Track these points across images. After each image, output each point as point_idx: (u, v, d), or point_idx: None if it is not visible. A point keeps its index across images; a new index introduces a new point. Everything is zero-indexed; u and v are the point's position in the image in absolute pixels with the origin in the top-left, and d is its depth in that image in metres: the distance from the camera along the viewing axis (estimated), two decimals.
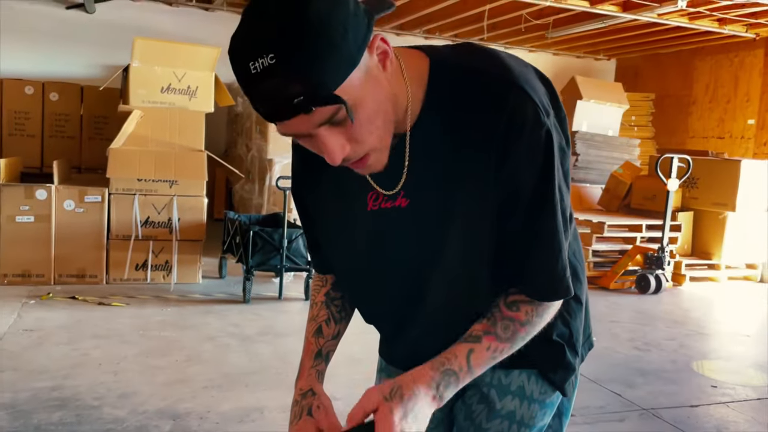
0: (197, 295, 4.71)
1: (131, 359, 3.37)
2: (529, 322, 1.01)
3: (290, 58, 0.80)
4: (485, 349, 0.99)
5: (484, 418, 1.12)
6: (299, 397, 1.05)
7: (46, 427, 2.57)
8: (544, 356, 1.13)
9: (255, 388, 3.10)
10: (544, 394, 1.13)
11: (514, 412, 1.11)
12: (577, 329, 1.16)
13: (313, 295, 1.20)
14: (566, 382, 1.15)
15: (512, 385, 1.11)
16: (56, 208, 4.65)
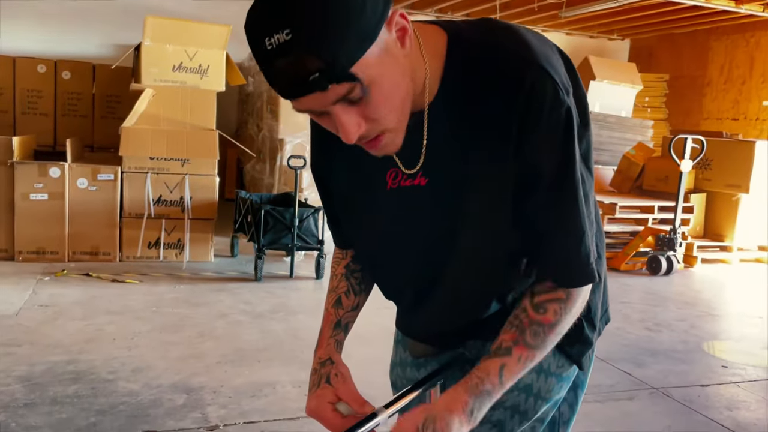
0: (209, 273, 4.74)
1: (145, 335, 3.41)
2: (559, 322, 0.99)
3: (306, 35, 0.78)
4: (517, 361, 0.98)
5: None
6: (318, 365, 1.06)
7: (62, 399, 2.62)
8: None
9: (267, 364, 3.13)
10: (561, 367, 1.13)
11: (531, 385, 1.11)
12: (595, 304, 1.16)
13: (333, 267, 1.20)
14: (583, 356, 1.15)
15: None
16: (69, 186, 4.68)
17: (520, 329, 0.98)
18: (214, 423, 2.51)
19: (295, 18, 0.79)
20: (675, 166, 5.66)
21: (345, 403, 1.00)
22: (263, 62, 0.83)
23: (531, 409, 1.12)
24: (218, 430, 2.47)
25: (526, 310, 0.99)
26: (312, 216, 4.75)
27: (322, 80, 0.81)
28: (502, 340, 0.99)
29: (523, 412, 1.12)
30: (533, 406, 1.11)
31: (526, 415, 1.12)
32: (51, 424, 2.41)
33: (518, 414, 1.12)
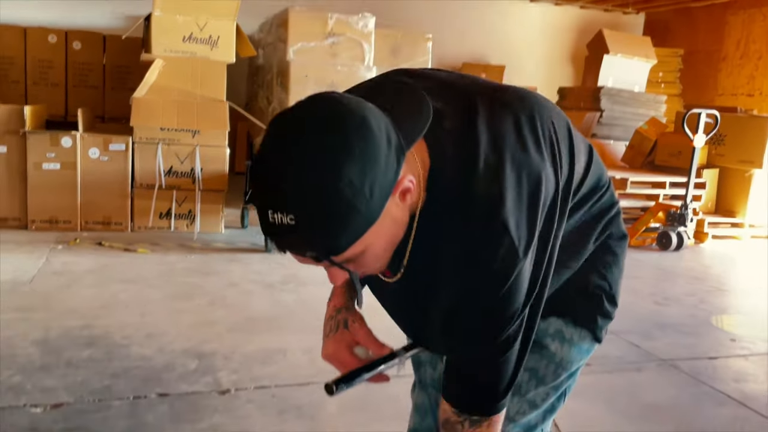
0: (220, 243, 4.78)
1: (157, 302, 3.45)
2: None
3: (310, 226, 0.79)
4: None
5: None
6: (334, 312, 1.08)
7: (77, 362, 2.66)
8: (582, 308, 1.15)
9: (278, 332, 3.16)
10: (582, 339, 1.15)
11: (555, 354, 1.13)
12: (614, 280, 1.18)
13: None
14: (603, 330, 1.17)
15: (550, 329, 1.13)
16: (81, 156, 4.71)
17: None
18: (226, 387, 2.55)
19: (302, 210, 0.79)
20: (688, 141, 5.61)
21: (363, 347, 1.02)
22: (265, 226, 0.83)
23: (550, 375, 1.14)
24: (230, 393, 2.51)
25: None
26: None
27: (320, 257, 0.84)
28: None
29: (542, 377, 1.14)
30: (552, 373, 1.14)
31: (544, 381, 1.14)
32: (66, 386, 2.45)
33: (536, 378, 1.14)
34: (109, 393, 2.43)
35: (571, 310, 1.14)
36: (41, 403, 2.33)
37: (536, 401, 1.15)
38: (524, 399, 1.14)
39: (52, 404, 2.32)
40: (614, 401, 2.68)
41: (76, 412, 2.28)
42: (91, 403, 2.35)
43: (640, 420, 2.53)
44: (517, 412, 1.15)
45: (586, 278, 1.12)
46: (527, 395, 1.14)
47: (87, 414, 2.28)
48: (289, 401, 2.48)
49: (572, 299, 1.12)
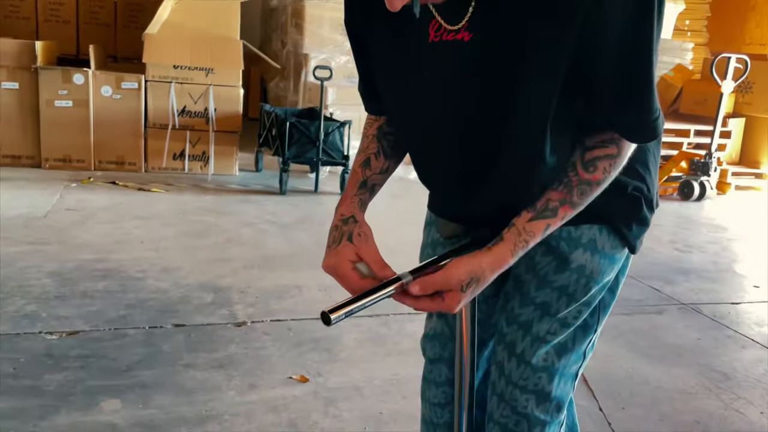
0: (234, 185, 4.72)
1: (172, 239, 3.42)
2: (606, 179, 0.95)
3: None
4: (560, 220, 0.95)
5: (551, 270, 1.05)
6: (339, 222, 0.99)
7: (92, 293, 2.64)
8: (619, 211, 1.06)
9: (293, 269, 3.13)
10: (614, 249, 1.06)
11: (584, 266, 1.05)
12: (652, 183, 1.09)
13: (366, 129, 1.13)
14: (639, 238, 1.09)
15: (583, 238, 1.05)
16: (94, 94, 4.63)
17: (568, 188, 0.93)
18: (242, 320, 2.53)
19: None
20: (714, 89, 5.44)
21: (365, 264, 0.95)
22: None
23: (580, 290, 1.06)
24: (246, 326, 2.48)
25: (576, 168, 0.94)
26: (338, 130, 4.67)
27: None
28: (548, 199, 0.94)
29: (572, 293, 1.06)
30: (583, 287, 1.06)
31: (574, 297, 1.07)
32: (81, 315, 2.44)
33: (566, 296, 1.06)
34: (124, 322, 2.41)
35: (605, 216, 1.04)
36: (57, 330, 2.31)
37: (567, 319, 1.08)
38: (554, 318, 1.07)
39: (67, 332, 2.31)
40: (636, 343, 2.63)
41: (92, 340, 2.27)
42: (106, 331, 2.34)
43: (663, 361, 2.49)
44: (548, 332, 1.08)
45: (623, 178, 1.03)
46: (558, 314, 1.07)
47: (103, 341, 2.26)
48: (305, 334, 2.45)
49: (607, 203, 1.03)
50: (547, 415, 1.11)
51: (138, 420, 1.83)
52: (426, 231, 1.24)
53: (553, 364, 1.10)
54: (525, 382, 1.10)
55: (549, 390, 1.10)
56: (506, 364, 1.11)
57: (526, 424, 1.11)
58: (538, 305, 1.07)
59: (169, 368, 2.12)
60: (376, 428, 1.90)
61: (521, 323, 1.10)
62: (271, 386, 2.07)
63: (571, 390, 1.15)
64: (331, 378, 2.15)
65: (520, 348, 1.09)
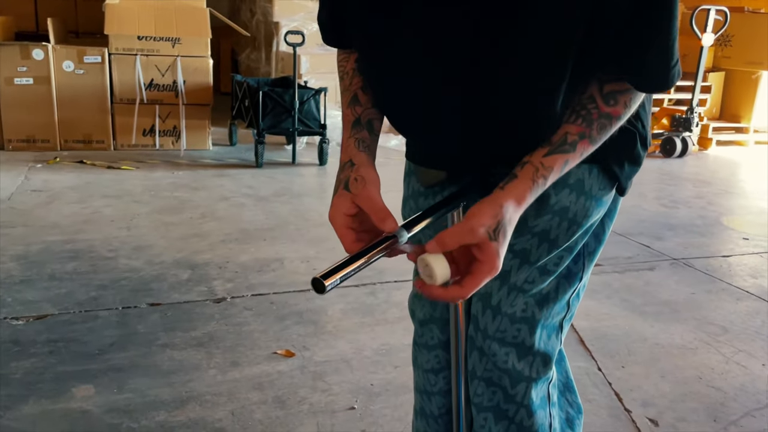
0: (208, 160, 4.56)
1: (144, 216, 3.27)
2: (624, 115, 0.85)
3: None
4: (578, 157, 0.84)
5: (531, 214, 0.94)
6: (339, 171, 0.88)
7: (61, 275, 2.50)
8: (613, 147, 0.95)
9: (274, 242, 3.01)
10: (602, 190, 0.96)
11: (568, 208, 0.94)
12: (646, 119, 0.99)
13: (342, 66, 0.99)
14: (630, 179, 0.99)
15: (570, 179, 0.93)
16: (55, 70, 4.41)
17: (587, 122, 0.83)
18: (221, 296, 2.41)
19: None
20: (694, 43, 5.35)
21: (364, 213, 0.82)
22: None
23: (563, 235, 0.95)
24: (226, 302, 2.37)
25: (595, 100, 0.83)
26: (313, 98, 4.51)
27: None
28: (567, 132, 0.83)
29: (553, 239, 0.95)
30: (565, 231, 0.95)
31: (556, 243, 0.96)
32: (49, 299, 2.30)
33: (547, 242, 0.96)
34: (95, 304, 2.28)
35: (596, 153, 0.93)
36: (23, 315, 2.18)
37: (548, 266, 0.97)
38: (534, 266, 0.97)
39: (34, 316, 2.17)
40: (630, 300, 2.56)
41: (61, 323, 2.13)
42: (76, 314, 2.21)
43: (658, 317, 2.42)
44: (526, 281, 0.97)
45: None
46: (538, 262, 0.96)
47: (73, 325, 2.13)
48: (288, 307, 2.34)
49: None
50: (532, 369, 1.01)
51: (112, 405, 1.72)
52: (405, 182, 1.12)
53: (533, 315, 1.00)
54: (503, 335, 1.00)
55: (531, 343, 1.00)
56: (481, 318, 1.01)
57: (507, 379, 1.01)
58: (517, 253, 0.96)
59: (144, 349, 2.00)
60: (367, 400, 1.80)
61: (498, 274, 0.98)
62: (254, 363, 1.96)
63: (558, 343, 1.05)
64: (318, 351, 2.05)
65: (496, 299, 0.99)
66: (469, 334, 1.03)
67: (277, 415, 1.72)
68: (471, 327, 1.02)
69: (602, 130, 0.83)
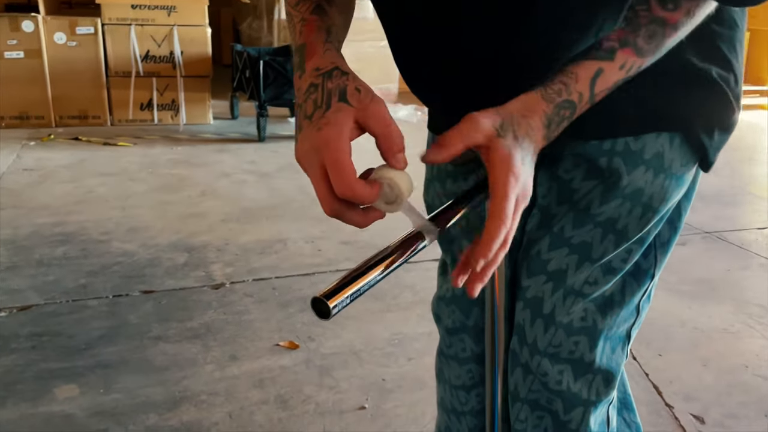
0: (208, 135, 4.37)
1: (140, 195, 3.09)
2: (683, 23, 0.64)
3: None
4: (617, 68, 0.63)
5: (596, 199, 0.75)
6: (317, 78, 0.61)
7: (49, 261, 2.34)
8: (699, 109, 0.74)
9: (276, 221, 2.82)
10: (684, 166, 0.75)
11: (642, 191, 0.73)
12: (739, 72, 0.77)
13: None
14: (719, 150, 0.78)
15: (646, 152, 0.73)
16: (46, 42, 4.21)
17: (633, 26, 0.63)
18: (220, 281, 2.24)
19: None
20: None
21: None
22: None
23: (634, 224, 0.75)
24: (225, 287, 2.19)
25: (648, 2, 0.63)
26: None
27: None
28: (605, 38, 0.63)
29: (622, 230, 0.76)
30: (638, 220, 0.75)
31: (625, 235, 0.76)
32: (35, 287, 2.13)
33: (614, 233, 0.76)
34: (84, 292, 2.12)
35: (679, 118, 0.73)
36: (6, 306, 2.01)
37: (613, 264, 0.78)
38: (595, 264, 0.78)
39: (18, 307, 2.01)
40: (664, 279, 2.35)
41: (46, 315, 1.97)
42: (63, 304, 2.04)
43: (695, 298, 2.23)
44: (586, 282, 0.78)
45: (702, 64, 0.72)
46: (602, 258, 0.77)
47: (59, 316, 1.97)
48: (292, 293, 2.16)
49: (679, 99, 0.73)
50: (591, 391, 0.82)
51: (98, 408, 1.56)
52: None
53: (594, 324, 0.80)
54: (556, 349, 0.80)
55: (591, 359, 0.81)
56: (529, 329, 0.81)
57: (560, 403, 0.82)
58: (575, 247, 0.77)
59: (135, 343, 1.84)
60: (378, 398, 1.63)
61: (550, 273, 0.79)
62: (255, 356, 1.80)
63: (623, 358, 0.85)
64: (324, 342, 1.87)
65: (549, 305, 0.80)
66: (511, 348, 0.84)
67: (279, 417, 1.55)
68: (515, 339, 0.83)
69: (651, 39, 0.63)
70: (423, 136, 0.94)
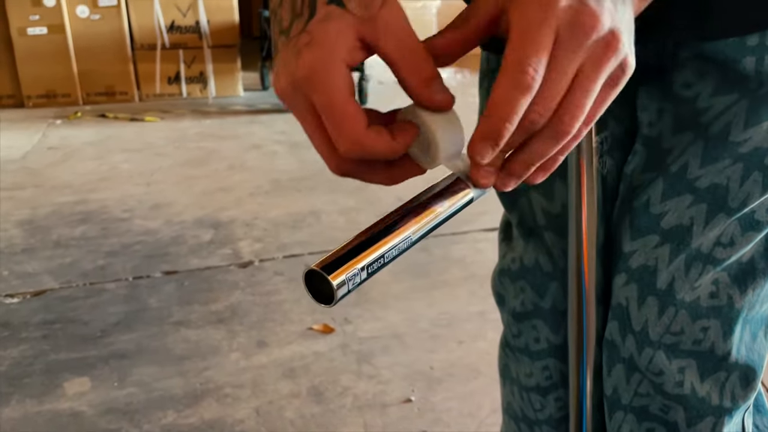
0: (239, 107, 4.18)
1: (165, 170, 2.93)
2: None
3: None
4: None
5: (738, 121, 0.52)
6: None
7: (67, 242, 2.18)
8: None
9: (308, 193, 2.62)
10: None
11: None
12: None
13: None
14: None
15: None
16: (69, 16, 4.06)
17: None
18: (248, 259, 2.05)
19: None
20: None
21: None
22: None
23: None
24: (252, 266, 2.01)
25: None
26: None
27: None
28: None
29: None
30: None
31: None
32: (51, 270, 1.98)
33: (761, 170, 0.52)
34: (102, 275, 1.95)
35: None
36: (19, 291, 1.86)
37: (756, 216, 0.55)
38: (733, 217, 0.54)
39: (32, 292, 1.86)
40: None
41: (61, 300, 1.81)
42: (79, 287, 1.88)
43: None
44: (718, 242, 0.55)
45: None
46: (743, 209, 0.54)
47: (74, 301, 1.81)
48: None
49: None
50: (724, 394, 0.59)
51: (110, 404, 1.39)
52: (481, 90, 0.69)
53: (730, 301, 0.57)
54: (676, 339, 0.57)
55: (725, 350, 0.57)
56: (636, 311, 0.58)
57: (682, 412, 0.59)
58: (703, 193, 0.54)
59: (154, 329, 1.66)
60: (426, 389, 1.43)
61: (666, 232, 0.56)
62: (285, 342, 1.60)
63: (767, 347, 0.61)
64: (363, 325, 1.67)
65: (665, 278, 0.56)
66: (608, 339, 0.62)
67: (312, 413, 1.35)
68: (613, 326, 0.61)
69: None
70: (465, 101, 0.70)
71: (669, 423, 0.60)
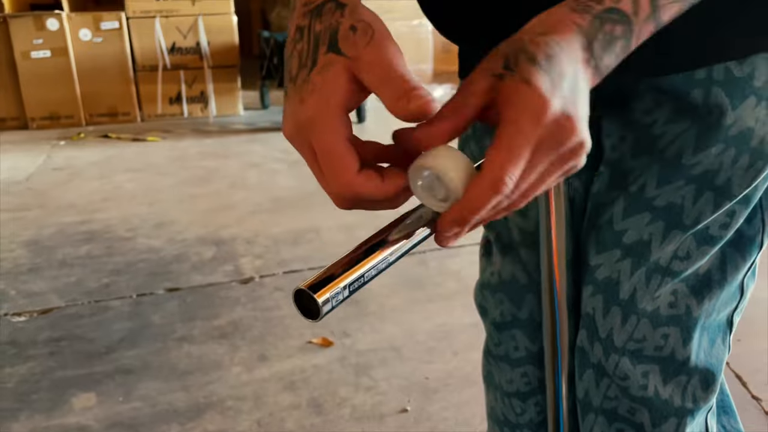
0: (239, 125, 4.25)
1: (168, 190, 2.98)
2: None
3: None
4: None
5: (688, 145, 0.56)
6: (304, 17, 0.43)
7: (72, 261, 2.23)
8: None
9: (308, 210, 2.67)
10: None
11: (752, 131, 0.54)
12: None
13: None
14: None
15: (756, 79, 0.54)
16: (72, 39, 4.14)
17: None
18: (249, 275, 2.10)
19: None
20: None
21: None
22: None
23: (738, 177, 0.56)
24: (254, 282, 2.05)
25: None
26: None
27: None
28: None
29: (723, 186, 0.57)
30: (743, 171, 0.56)
31: (728, 191, 0.57)
32: (56, 289, 2.03)
33: (712, 190, 0.57)
34: (107, 292, 2.00)
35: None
36: (26, 310, 1.91)
37: (710, 231, 0.60)
38: (688, 232, 0.59)
39: (38, 311, 1.91)
40: None
41: (67, 318, 1.86)
42: (84, 305, 1.93)
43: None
44: (675, 256, 0.60)
45: None
46: (696, 225, 0.58)
47: (80, 319, 1.85)
48: None
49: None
50: (686, 397, 0.63)
51: (116, 418, 1.43)
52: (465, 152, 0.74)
53: (688, 310, 0.62)
54: (639, 345, 0.62)
55: (684, 355, 0.62)
56: (602, 320, 0.63)
57: (646, 413, 0.64)
58: (660, 211, 0.59)
59: (158, 345, 1.71)
60: (422, 399, 1.47)
61: (628, 246, 0.61)
62: (286, 356, 1.65)
63: (725, 351, 0.66)
64: (361, 338, 1.71)
65: (628, 289, 0.61)
66: (579, 346, 0.66)
67: (312, 423, 1.40)
68: (583, 334, 0.65)
69: None
70: None
71: (636, 424, 0.64)
